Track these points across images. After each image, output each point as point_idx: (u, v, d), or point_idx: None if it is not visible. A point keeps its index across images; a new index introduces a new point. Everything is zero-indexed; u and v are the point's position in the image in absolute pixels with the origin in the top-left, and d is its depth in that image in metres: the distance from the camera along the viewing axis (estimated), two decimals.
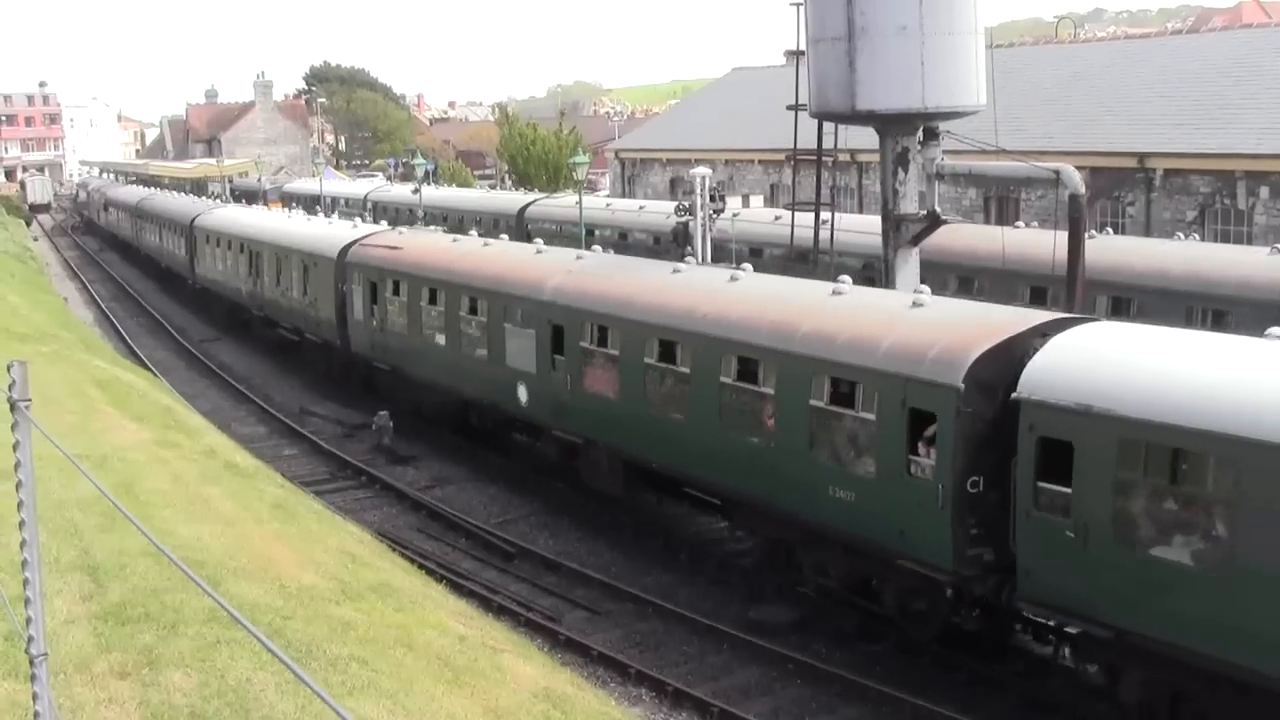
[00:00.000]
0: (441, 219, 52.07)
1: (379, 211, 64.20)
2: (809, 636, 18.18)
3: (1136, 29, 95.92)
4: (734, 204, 35.01)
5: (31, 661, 5.46)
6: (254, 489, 18.41)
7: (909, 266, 24.88)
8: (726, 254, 30.22)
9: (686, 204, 26.52)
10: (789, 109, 29.01)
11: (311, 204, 68.72)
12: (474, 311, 27.04)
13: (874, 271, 27.02)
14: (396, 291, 30.44)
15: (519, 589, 20.58)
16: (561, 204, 50.93)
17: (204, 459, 19.29)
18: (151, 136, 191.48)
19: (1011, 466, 15.06)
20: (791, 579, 19.51)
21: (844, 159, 38.61)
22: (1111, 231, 33.43)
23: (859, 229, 29.79)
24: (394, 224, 40.59)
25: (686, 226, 26.28)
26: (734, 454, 19.41)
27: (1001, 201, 43.81)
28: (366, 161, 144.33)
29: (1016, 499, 14.99)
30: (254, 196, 78.08)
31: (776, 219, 35.49)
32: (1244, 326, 18.04)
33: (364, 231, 35.79)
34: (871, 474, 17.03)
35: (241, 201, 70.69)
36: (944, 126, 24.46)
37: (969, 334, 16.26)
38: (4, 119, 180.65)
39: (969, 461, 15.57)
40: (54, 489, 12.79)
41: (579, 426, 23.52)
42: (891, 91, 23.30)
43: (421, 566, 19.49)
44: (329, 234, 37.28)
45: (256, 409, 34.76)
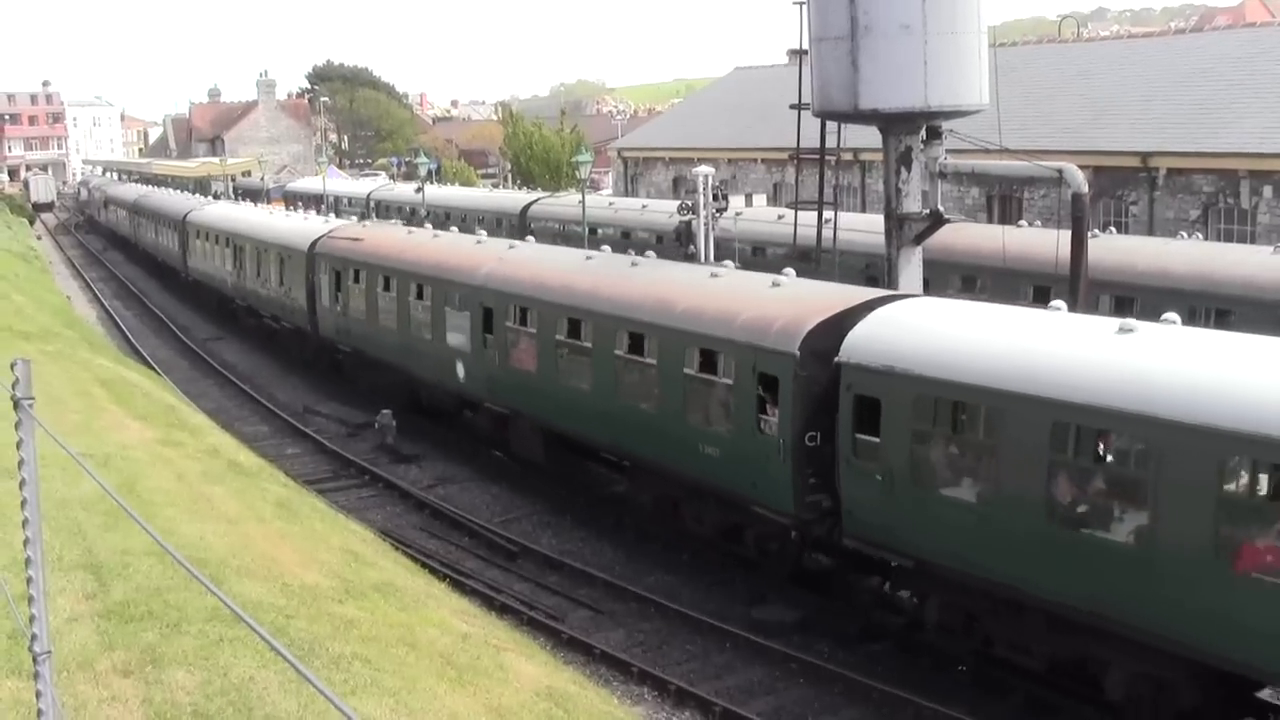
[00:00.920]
0: (444, 218, 52.08)
1: (382, 210, 64.27)
2: (812, 636, 18.19)
3: (1140, 28, 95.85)
4: (737, 203, 35.02)
5: (35, 659, 5.47)
6: (257, 488, 18.42)
7: (912, 266, 24.89)
8: (729, 253, 30.21)
9: (689, 203, 26.54)
10: (792, 108, 29.02)
11: (315, 203, 68.77)
12: (420, 296, 29.25)
13: (877, 271, 27.02)
14: (357, 280, 32.81)
15: (522, 588, 20.60)
16: (564, 203, 50.92)
17: (207, 458, 19.30)
18: (155, 135, 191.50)
19: (836, 421, 17.25)
20: (677, 530, 21.59)
21: (847, 158, 38.56)
22: (1115, 231, 33.45)
23: (862, 228, 29.80)
24: (394, 222, 41.13)
25: (689, 225, 26.30)
26: (628, 419, 21.74)
27: (1004, 200, 43.78)
28: (369, 160, 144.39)
29: (839, 449, 17.29)
30: (257, 195, 78.12)
31: (779, 218, 35.47)
32: (1247, 326, 18.03)
33: (333, 226, 38.48)
34: (731, 432, 19.38)
35: (245, 200, 70.75)
36: (947, 125, 24.46)
37: (808, 309, 18.60)
38: (8, 118, 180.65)
39: (806, 419, 17.87)
40: (57, 487, 12.79)
41: (506, 399, 25.85)
42: (894, 90, 23.30)
43: (424, 565, 19.49)
44: (302, 228, 39.79)
45: (260, 408, 34.79)
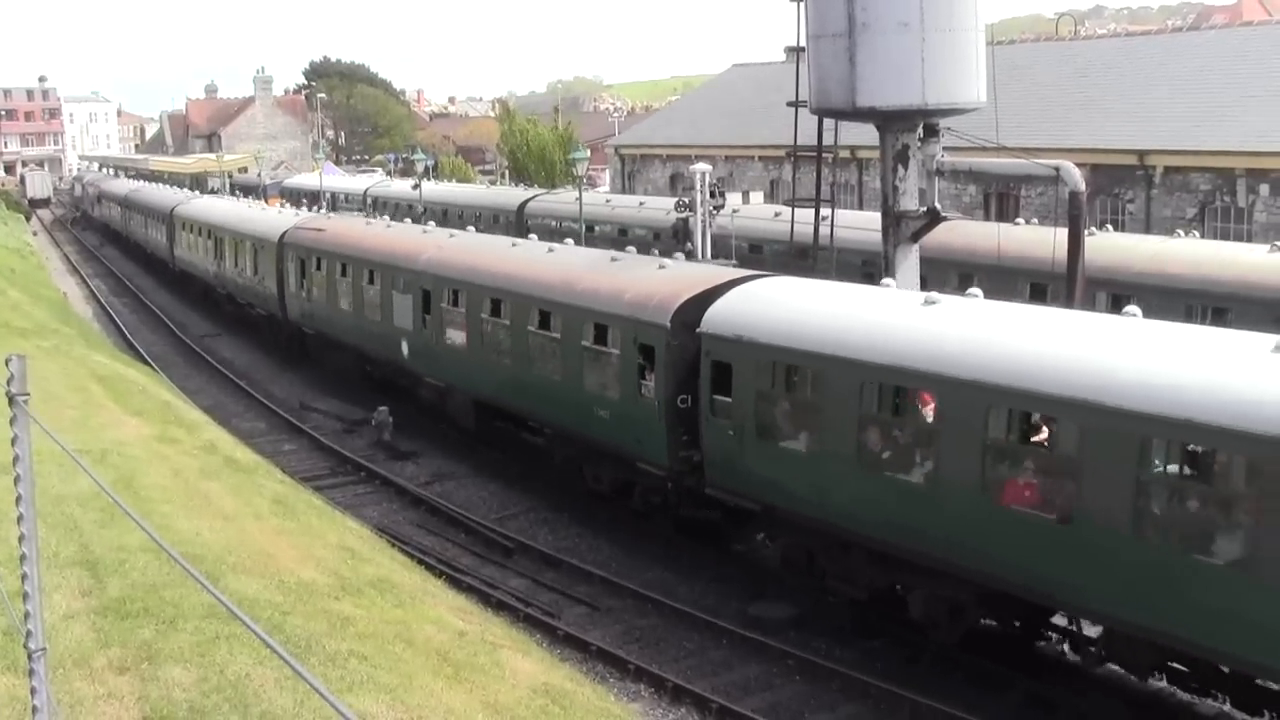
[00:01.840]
0: (442, 214, 52.06)
1: (379, 207, 64.23)
2: (809, 633, 18.17)
3: (1137, 26, 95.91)
4: (734, 200, 35.04)
5: (30, 656, 5.46)
6: (254, 484, 18.41)
7: (909, 263, 24.89)
8: (726, 250, 30.21)
9: (686, 200, 26.56)
10: (789, 105, 28.98)
11: (312, 199, 68.73)
12: (371, 282, 31.92)
13: (874, 268, 27.02)
14: (319, 267, 35.61)
15: (518, 584, 20.59)
16: (561, 200, 50.89)
17: (204, 454, 19.28)
18: (151, 131, 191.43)
19: (700, 385, 19.59)
20: (582, 488, 23.93)
21: (844, 155, 38.59)
22: (1111, 229, 33.40)
23: (859, 225, 29.79)
24: (396, 219, 41.43)
25: (686, 222, 26.32)
26: (541, 388, 24.22)
27: (1001, 198, 43.81)
28: (366, 157, 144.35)
29: (701, 409, 19.66)
30: (254, 192, 78.08)
31: (776, 215, 35.44)
32: (1244, 324, 18.03)
33: (302, 218, 41.09)
34: (618, 397, 21.77)
35: (240, 195, 70.75)
36: (944, 123, 24.45)
37: (681, 287, 20.93)
38: (4, 113, 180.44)
39: (677, 383, 20.20)
40: (53, 484, 12.78)
41: (442, 373, 28.40)
42: (892, 88, 23.29)
43: (421, 562, 19.48)
44: (273, 221, 42.32)
45: (256, 404, 34.76)
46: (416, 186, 59.64)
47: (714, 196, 26.36)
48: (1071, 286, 21.81)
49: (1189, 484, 14.02)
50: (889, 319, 17.27)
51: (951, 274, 28.33)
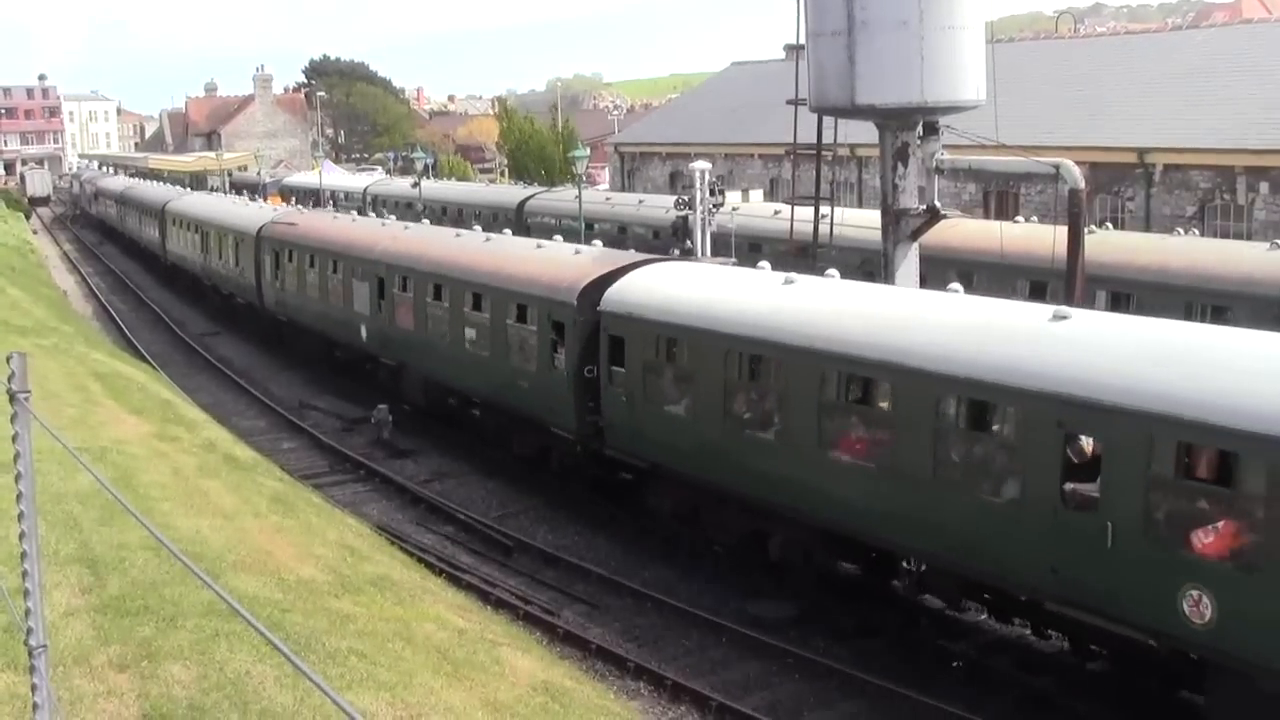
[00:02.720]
0: (441, 213, 52.03)
1: (379, 205, 64.20)
2: (808, 631, 18.18)
3: (1137, 24, 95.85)
4: (733, 198, 35.03)
5: (30, 653, 5.47)
6: (253, 482, 18.43)
7: (908, 261, 24.87)
8: (726, 248, 30.20)
9: (686, 198, 26.54)
10: (789, 103, 28.96)
11: (311, 198, 68.72)
12: (335, 271, 34.33)
13: (874, 266, 27.02)
14: (291, 259, 38.02)
15: (518, 583, 20.58)
16: (561, 198, 50.87)
17: (203, 452, 19.30)
18: (151, 130, 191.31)
19: (599, 356, 21.96)
20: (507, 453, 26.12)
21: (843, 153, 38.57)
22: (1111, 227, 33.42)
23: (859, 223, 29.77)
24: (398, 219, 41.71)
25: (686, 220, 26.30)
26: (474, 365, 26.56)
27: (1001, 196, 43.81)
28: (366, 155, 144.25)
29: (601, 378, 22.02)
30: (254, 190, 78.07)
31: (776, 213, 35.43)
32: (1244, 322, 18.04)
33: (279, 213, 43.70)
34: (536, 370, 24.13)
35: (243, 194, 70.81)
36: (944, 121, 24.42)
37: (588, 270, 23.38)
38: (3, 112, 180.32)
39: (583, 356, 22.47)
40: (53, 482, 12.80)
41: (396, 354, 30.86)
42: (891, 86, 23.26)
43: (420, 560, 19.50)
44: (253, 215, 44.76)
45: (256, 402, 34.77)
46: (416, 185, 59.61)
47: (713, 194, 26.32)
48: (1071, 284, 21.79)
49: (974, 435, 16.04)
50: (752, 297, 19.76)
51: (951, 272, 28.28)
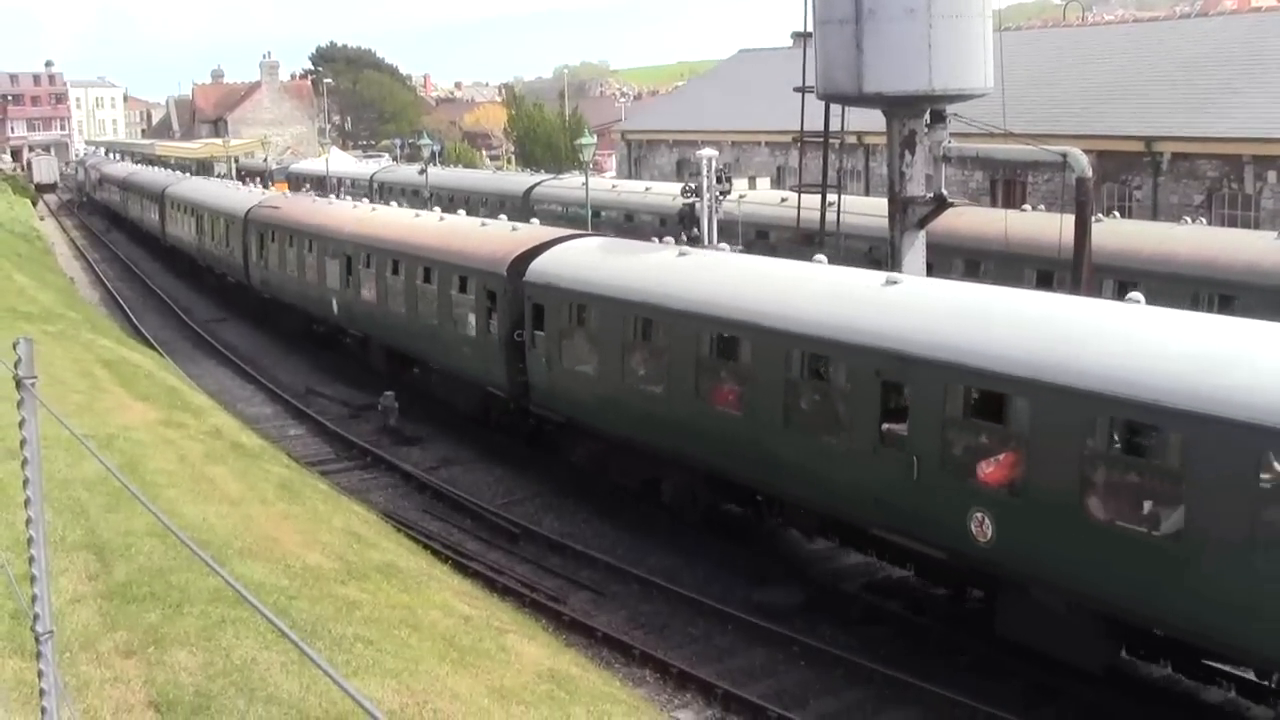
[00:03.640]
0: (448, 200, 51.98)
1: (385, 192, 64.16)
2: (814, 619, 18.19)
3: (1145, 12, 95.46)
4: (740, 185, 34.92)
5: (37, 639, 5.48)
6: (260, 469, 18.44)
7: (915, 249, 24.85)
8: (733, 235, 30.16)
9: (693, 185, 26.47)
10: (796, 91, 28.94)
11: (318, 185, 68.69)
12: (310, 250, 36.93)
13: (880, 254, 26.98)
14: (274, 240, 40.65)
15: (524, 570, 20.62)
16: (567, 185, 50.77)
17: (210, 439, 19.31)
18: (158, 116, 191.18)
19: (525, 322, 24.46)
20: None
21: (851, 141, 38.50)
22: (1118, 215, 33.32)
23: (865, 211, 29.73)
24: (402, 205, 41.94)
25: (693, 208, 26.23)
26: (422, 332, 29.49)
27: (1008, 184, 43.69)
28: (373, 142, 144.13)
29: (526, 342, 24.48)
30: (261, 177, 78.06)
31: (783, 201, 35.38)
32: (1251, 311, 17.99)
33: (265, 197, 46.54)
34: (474, 334, 26.87)
35: (254, 181, 70.84)
36: (951, 109, 24.38)
37: (517, 245, 26.02)
38: (10, 98, 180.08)
39: (512, 322, 25.08)
40: (60, 468, 12.81)
41: (362, 326, 33.80)
42: (898, 74, 23.22)
43: (427, 547, 19.52)
44: (242, 199, 47.23)
45: (262, 389, 34.81)
46: (423, 172, 59.55)
47: (720, 182, 26.24)
48: (1078, 273, 21.75)
49: (816, 385, 18.83)
50: (648, 268, 22.10)
51: (958, 260, 28.27)
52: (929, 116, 24.25)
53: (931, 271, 24.93)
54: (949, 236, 27.48)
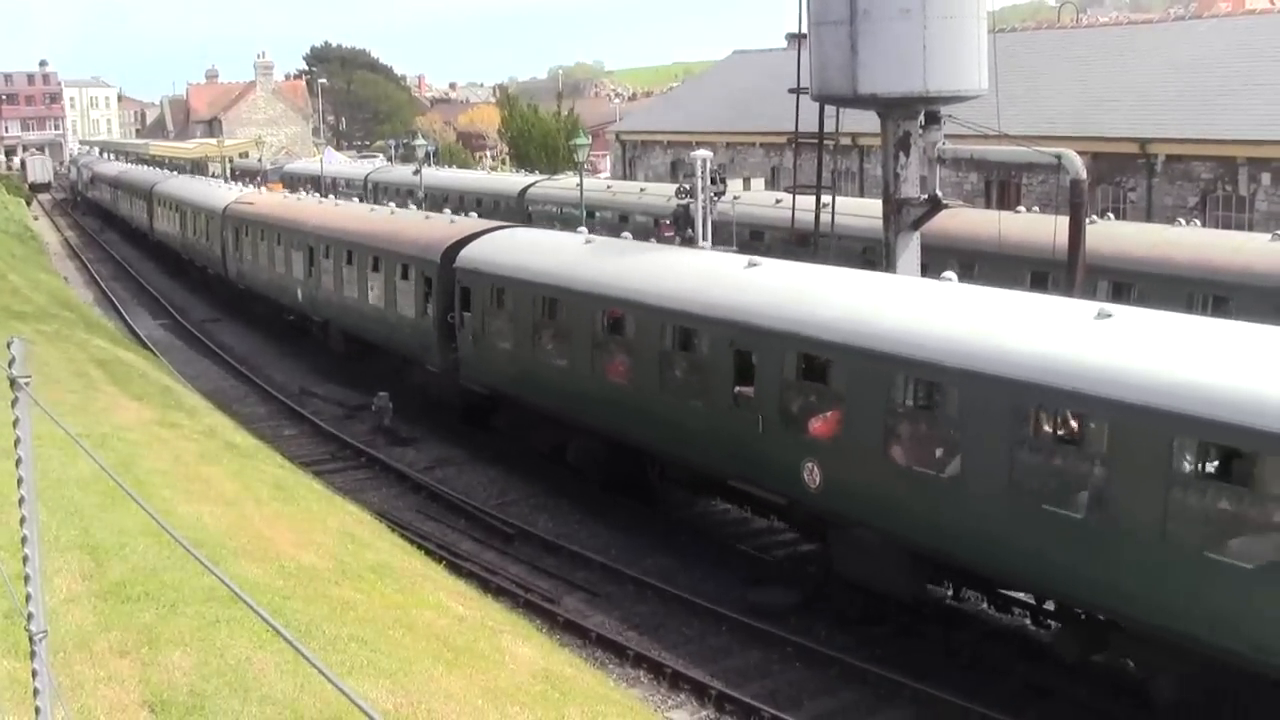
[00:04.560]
0: (442, 200, 51.92)
1: (380, 192, 64.08)
2: (809, 620, 18.20)
3: (1139, 14, 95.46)
4: (735, 186, 34.90)
5: (31, 639, 5.47)
6: (254, 469, 18.43)
7: (910, 250, 24.86)
8: (727, 236, 30.13)
9: (687, 186, 26.45)
10: (790, 92, 28.89)
11: (312, 185, 68.57)
12: (279, 243, 39.66)
13: (875, 255, 26.97)
14: (247, 234, 43.30)
15: (518, 570, 20.62)
16: (562, 185, 50.71)
17: (204, 439, 19.30)
18: (152, 116, 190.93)
19: (455, 304, 26.81)
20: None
21: (845, 142, 38.50)
22: (1113, 217, 33.33)
23: (860, 212, 29.73)
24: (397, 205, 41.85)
25: (687, 209, 26.20)
26: (375, 317, 32.00)
27: (1003, 186, 43.71)
28: (367, 142, 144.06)
29: (457, 322, 26.88)
30: (255, 177, 77.98)
31: (777, 202, 35.35)
32: (1245, 313, 18.01)
33: (241, 194, 48.96)
34: (413, 316, 29.52)
35: (247, 181, 70.83)
36: (945, 110, 24.38)
37: (449, 235, 28.66)
38: (4, 98, 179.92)
39: (445, 304, 27.63)
40: (54, 467, 12.78)
41: (322, 312, 36.36)
42: (893, 75, 23.23)
43: (421, 547, 19.49)
44: (221, 195, 49.74)
45: (257, 389, 34.79)
46: (417, 172, 59.48)
47: (715, 183, 26.20)
48: (1072, 274, 21.77)
49: (685, 355, 20.82)
50: (556, 255, 24.56)
51: (952, 261, 28.22)
52: (923, 118, 24.25)
53: (926, 272, 24.94)
54: (943, 238, 27.47)
